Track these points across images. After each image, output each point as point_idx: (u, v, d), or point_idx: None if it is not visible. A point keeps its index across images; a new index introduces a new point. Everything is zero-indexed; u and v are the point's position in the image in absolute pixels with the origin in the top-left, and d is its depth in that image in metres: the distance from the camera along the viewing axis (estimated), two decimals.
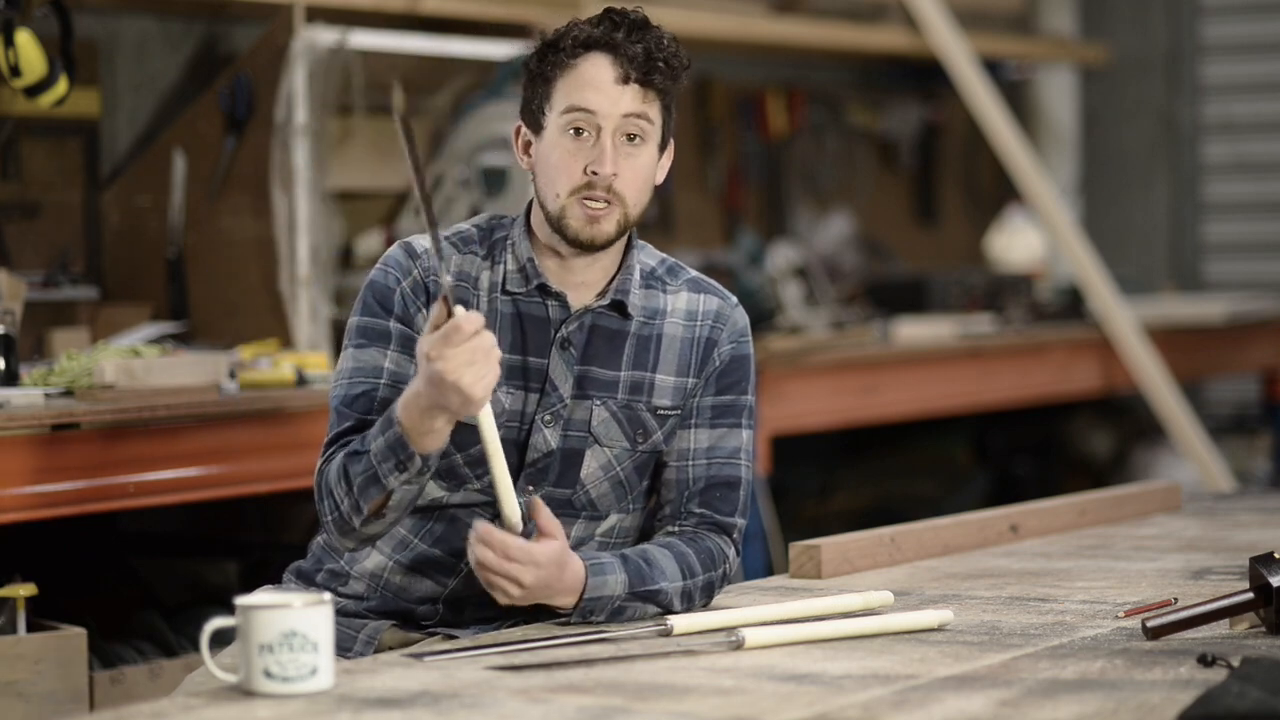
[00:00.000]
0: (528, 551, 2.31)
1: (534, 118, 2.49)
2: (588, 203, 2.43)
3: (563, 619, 2.40)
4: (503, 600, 2.34)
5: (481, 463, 2.42)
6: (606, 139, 2.43)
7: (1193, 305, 6.33)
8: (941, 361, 5.34)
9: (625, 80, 2.43)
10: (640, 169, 2.45)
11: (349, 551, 2.50)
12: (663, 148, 2.51)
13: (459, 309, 2.23)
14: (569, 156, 2.43)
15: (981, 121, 5.96)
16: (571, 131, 2.43)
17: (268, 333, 4.06)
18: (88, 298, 4.20)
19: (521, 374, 2.48)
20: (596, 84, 2.43)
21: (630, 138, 2.44)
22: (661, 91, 2.46)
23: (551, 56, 2.46)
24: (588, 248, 2.45)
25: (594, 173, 2.42)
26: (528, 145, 2.51)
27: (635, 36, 2.44)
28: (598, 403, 2.50)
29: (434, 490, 2.48)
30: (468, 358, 2.22)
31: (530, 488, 2.48)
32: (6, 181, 4.12)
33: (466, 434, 2.41)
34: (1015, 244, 6.24)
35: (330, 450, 2.42)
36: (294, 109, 4.05)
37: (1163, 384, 5.76)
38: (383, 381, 2.44)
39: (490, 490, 2.40)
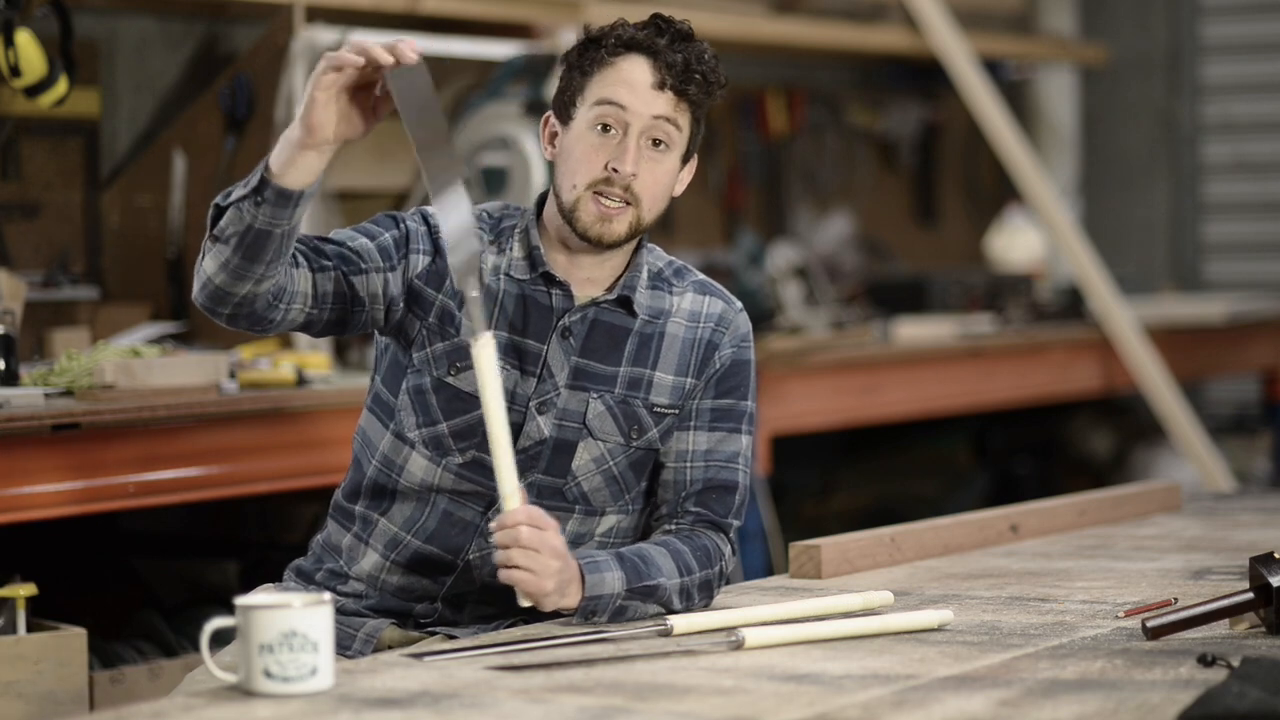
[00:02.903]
0: (539, 515, 2.31)
1: (564, 109, 2.50)
2: (602, 200, 2.44)
3: (564, 619, 2.41)
4: (548, 585, 2.30)
5: (465, 435, 2.44)
6: (632, 139, 2.44)
7: (1193, 305, 6.33)
8: (941, 361, 5.34)
9: (661, 86, 2.44)
10: (661, 175, 2.47)
11: (201, 305, 2.38)
12: (685, 159, 2.52)
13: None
14: (593, 150, 2.45)
15: (981, 121, 5.96)
16: (599, 127, 2.44)
17: None
18: (88, 298, 4.20)
19: (517, 354, 2.49)
20: (632, 83, 2.44)
21: (656, 143, 2.45)
22: (694, 103, 2.47)
23: (592, 52, 2.47)
24: (595, 244, 2.46)
25: (614, 169, 2.43)
26: (554, 136, 2.52)
27: (678, 46, 2.46)
28: (594, 396, 2.50)
29: (420, 464, 2.49)
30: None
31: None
32: (6, 181, 4.12)
33: (455, 404, 2.43)
34: (1015, 244, 6.24)
35: None
36: (294, 109, 4.04)
37: (1163, 384, 5.76)
38: (341, 239, 2.45)
39: (472, 470, 2.44)
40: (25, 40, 3.75)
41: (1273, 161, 6.98)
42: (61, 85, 3.82)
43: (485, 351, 2.26)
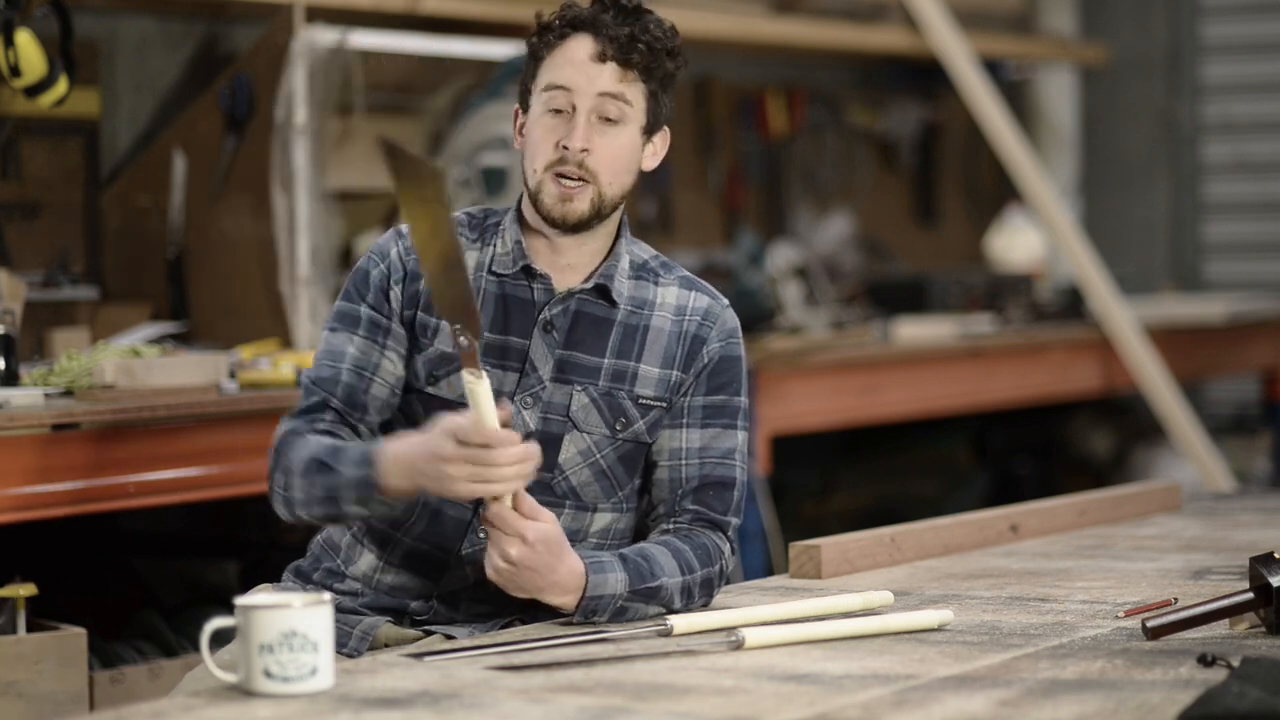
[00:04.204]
0: (517, 524, 2.31)
1: (525, 98, 2.54)
2: (561, 180, 2.46)
3: (564, 619, 2.41)
4: (490, 575, 2.34)
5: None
6: (581, 116, 2.46)
7: (1193, 305, 6.33)
8: (941, 361, 5.34)
9: (602, 59, 2.46)
10: (616, 149, 2.47)
11: (286, 519, 2.53)
12: (649, 132, 2.52)
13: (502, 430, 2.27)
14: (546, 133, 2.48)
15: (981, 121, 5.96)
16: (551, 110, 2.46)
17: (268, 333, 4.06)
18: (88, 298, 4.20)
19: (501, 353, 2.50)
20: (574, 62, 2.47)
21: (607, 118, 2.46)
22: (645, 73, 2.48)
23: (544, 37, 2.50)
24: (560, 226, 2.48)
25: (565, 147, 2.45)
26: (521, 126, 2.54)
27: (623, 19, 2.47)
28: (578, 388, 2.51)
29: None
30: (475, 473, 2.28)
31: None
32: (6, 181, 4.12)
33: (442, 412, 2.43)
34: (1015, 244, 6.24)
35: (295, 423, 2.48)
36: (294, 109, 4.04)
37: (1163, 384, 5.76)
38: (345, 366, 2.49)
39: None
40: (25, 40, 3.75)
41: (1273, 161, 6.98)
42: (61, 85, 3.82)
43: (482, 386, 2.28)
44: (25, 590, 3.39)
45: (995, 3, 6.52)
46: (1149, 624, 2.29)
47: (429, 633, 2.51)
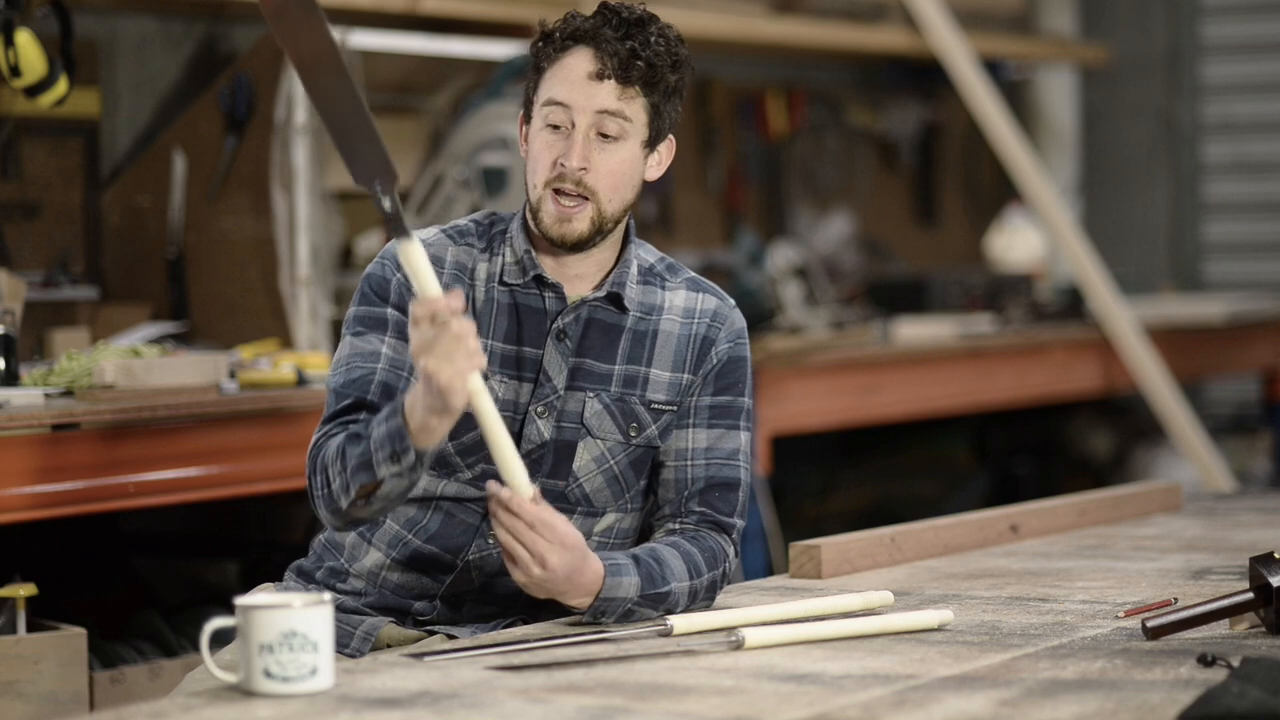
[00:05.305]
0: (555, 530, 2.29)
1: (528, 108, 2.52)
2: (560, 198, 2.44)
3: (566, 619, 2.41)
4: (519, 578, 2.31)
5: (473, 450, 2.44)
6: (579, 134, 2.44)
7: (1193, 305, 6.33)
8: (941, 361, 5.34)
9: (601, 77, 2.43)
10: (615, 165, 2.45)
11: (334, 529, 2.48)
12: (651, 144, 2.50)
13: (438, 295, 2.21)
14: (545, 148, 2.46)
15: (981, 121, 5.96)
16: (550, 125, 2.45)
17: (268, 333, 4.06)
18: (88, 298, 4.20)
19: (515, 364, 2.49)
20: (573, 79, 2.44)
21: (605, 135, 2.44)
22: (646, 88, 2.46)
23: (545, 48, 2.48)
24: (560, 245, 2.47)
25: (562, 165, 2.43)
26: (526, 134, 2.53)
27: (624, 33, 2.44)
28: (591, 395, 2.50)
29: (424, 480, 2.48)
30: (442, 351, 2.20)
31: None
32: (6, 181, 4.12)
33: (461, 423, 2.43)
34: (1015, 244, 6.24)
35: (328, 427, 2.42)
36: (294, 109, 4.05)
37: (1163, 384, 5.76)
38: (380, 366, 2.45)
39: (479, 481, 2.45)
40: (25, 40, 3.75)
41: (1273, 161, 6.98)
42: (61, 85, 3.82)
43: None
44: (25, 590, 3.39)
45: (995, 3, 6.52)
46: (1149, 624, 2.29)
47: (431, 633, 2.51)
